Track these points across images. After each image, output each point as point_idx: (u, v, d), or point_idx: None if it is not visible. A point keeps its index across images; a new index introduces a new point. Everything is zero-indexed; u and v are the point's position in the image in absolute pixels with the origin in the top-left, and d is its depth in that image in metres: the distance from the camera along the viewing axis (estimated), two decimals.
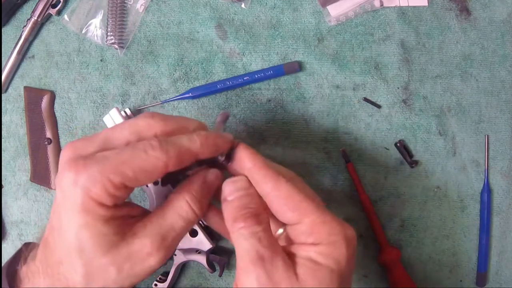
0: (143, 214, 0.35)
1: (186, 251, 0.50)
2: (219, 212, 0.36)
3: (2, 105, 0.54)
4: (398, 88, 0.54)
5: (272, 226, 0.35)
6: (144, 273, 0.32)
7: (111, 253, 0.30)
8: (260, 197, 0.35)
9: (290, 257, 0.32)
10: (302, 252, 0.32)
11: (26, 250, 0.35)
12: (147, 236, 0.32)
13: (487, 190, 0.53)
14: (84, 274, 0.30)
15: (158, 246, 0.32)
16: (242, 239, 0.32)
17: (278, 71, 0.52)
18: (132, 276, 0.31)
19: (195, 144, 0.33)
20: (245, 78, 0.52)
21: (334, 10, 0.53)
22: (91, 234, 0.30)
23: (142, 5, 0.53)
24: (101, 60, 0.54)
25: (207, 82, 0.53)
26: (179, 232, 0.33)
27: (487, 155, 0.54)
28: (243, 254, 0.32)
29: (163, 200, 0.35)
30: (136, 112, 0.53)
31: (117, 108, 0.50)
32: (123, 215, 0.33)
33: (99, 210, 0.30)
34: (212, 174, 0.36)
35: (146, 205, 0.53)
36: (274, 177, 0.34)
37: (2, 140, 0.54)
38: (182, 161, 0.32)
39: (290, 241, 0.35)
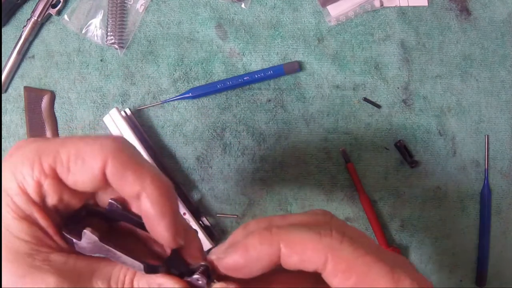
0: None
1: None
2: None
3: (2, 105, 0.54)
4: (398, 88, 0.54)
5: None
6: None
7: (11, 254, 0.24)
8: None
9: None
10: None
11: None
12: (58, 272, 0.24)
13: (487, 190, 0.53)
14: None
15: None
16: None
17: (278, 71, 0.52)
18: None
19: (152, 174, 0.24)
20: (245, 78, 0.52)
21: (334, 10, 0.53)
22: None
23: (142, 5, 0.53)
24: (101, 60, 0.54)
25: (207, 82, 0.53)
26: None
27: (487, 155, 0.54)
28: None
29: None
30: (136, 112, 0.53)
31: (117, 108, 0.50)
32: (43, 228, 0.25)
33: (17, 196, 0.24)
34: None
35: None
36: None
37: (2, 140, 0.54)
38: (123, 176, 0.24)
39: None
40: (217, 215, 0.53)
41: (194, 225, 0.49)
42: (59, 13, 0.53)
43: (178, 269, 0.26)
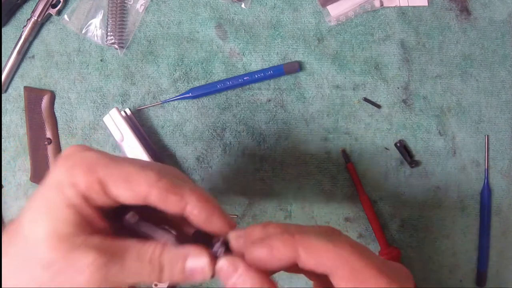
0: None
1: None
2: None
3: (2, 105, 0.54)
4: (398, 88, 0.54)
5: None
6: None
7: (56, 238, 0.28)
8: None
9: None
10: None
11: None
12: (96, 250, 0.28)
13: (487, 190, 0.53)
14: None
15: (100, 264, 0.28)
16: None
17: (278, 71, 0.52)
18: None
19: (190, 191, 0.30)
20: (245, 78, 0.52)
21: (334, 10, 0.53)
22: (48, 208, 0.28)
23: (142, 5, 0.53)
24: (101, 60, 0.54)
25: (207, 82, 0.53)
26: (132, 272, 0.29)
27: (487, 155, 0.54)
28: None
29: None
30: (136, 112, 0.53)
31: (117, 108, 0.50)
32: (86, 216, 0.29)
33: (68, 188, 0.28)
34: (191, 261, 0.29)
35: None
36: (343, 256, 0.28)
37: (2, 140, 0.54)
38: (166, 200, 0.29)
39: None
40: None
41: None
42: (59, 13, 0.53)
43: (203, 242, 0.30)
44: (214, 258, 0.29)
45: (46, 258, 0.28)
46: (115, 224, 0.31)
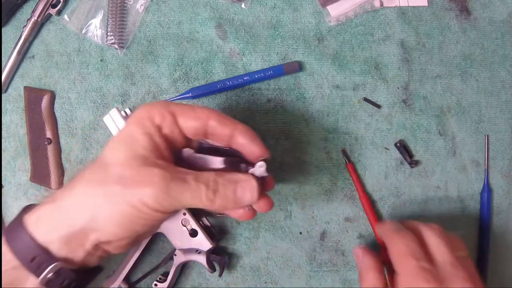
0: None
1: (186, 251, 0.50)
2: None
3: (2, 105, 0.54)
4: (398, 88, 0.54)
5: None
6: (138, 199, 0.34)
7: (141, 157, 0.35)
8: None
9: None
10: None
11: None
12: (162, 169, 0.35)
13: (487, 190, 0.53)
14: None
15: (163, 187, 0.34)
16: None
17: (278, 71, 0.52)
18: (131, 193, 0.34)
19: (239, 125, 0.39)
20: (245, 78, 0.52)
21: (334, 10, 0.53)
22: (131, 138, 0.36)
23: (142, 5, 0.53)
24: (101, 60, 0.54)
25: (207, 82, 0.53)
26: (185, 197, 0.36)
27: (487, 155, 0.54)
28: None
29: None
30: None
31: (117, 108, 0.50)
32: (157, 143, 0.37)
33: (146, 120, 0.37)
34: (244, 181, 0.38)
35: None
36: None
37: (2, 140, 0.54)
38: (223, 122, 0.38)
39: None
40: (217, 215, 0.53)
41: (194, 225, 0.49)
42: (59, 13, 0.53)
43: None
44: (259, 181, 0.37)
45: (120, 173, 0.34)
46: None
